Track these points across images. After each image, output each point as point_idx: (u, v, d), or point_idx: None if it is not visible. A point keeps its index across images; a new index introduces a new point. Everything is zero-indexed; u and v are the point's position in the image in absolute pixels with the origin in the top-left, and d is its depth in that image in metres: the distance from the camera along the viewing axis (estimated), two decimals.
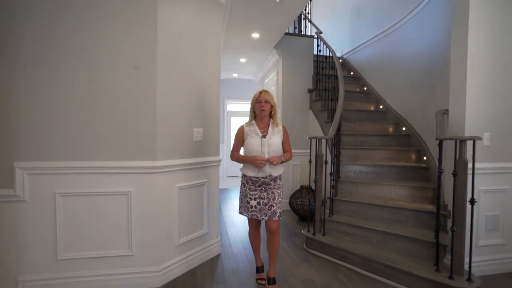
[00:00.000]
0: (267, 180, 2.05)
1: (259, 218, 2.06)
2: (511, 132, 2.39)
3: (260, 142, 2.03)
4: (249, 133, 2.09)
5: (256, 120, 2.13)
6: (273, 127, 2.11)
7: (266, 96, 2.07)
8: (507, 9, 2.33)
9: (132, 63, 2.05)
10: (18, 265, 1.89)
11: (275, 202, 2.05)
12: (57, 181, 1.93)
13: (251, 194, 2.07)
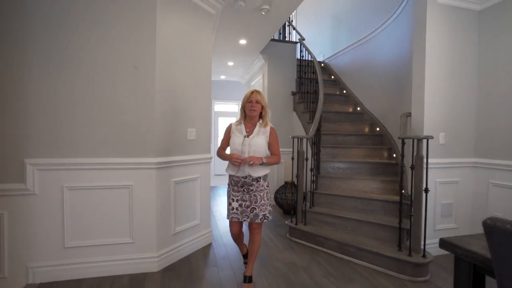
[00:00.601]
0: (248, 180, 2.02)
1: (240, 219, 2.05)
2: (462, 132, 2.79)
3: (242, 141, 2.01)
4: (234, 131, 2.09)
5: (246, 119, 2.11)
6: (260, 128, 2.08)
7: (258, 97, 2.05)
8: (456, 27, 2.72)
9: (133, 71, 2.28)
10: (28, 253, 2.08)
11: (257, 205, 2.02)
12: (64, 176, 2.14)
13: (233, 195, 2.06)
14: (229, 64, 5.32)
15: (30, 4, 2.03)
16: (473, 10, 2.77)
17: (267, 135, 2.06)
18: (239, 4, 2.89)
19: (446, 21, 2.70)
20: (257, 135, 2.04)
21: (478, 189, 2.78)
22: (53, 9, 2.08)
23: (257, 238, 2.10)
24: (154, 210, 2.36)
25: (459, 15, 2.73)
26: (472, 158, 2.81)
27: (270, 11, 3.08)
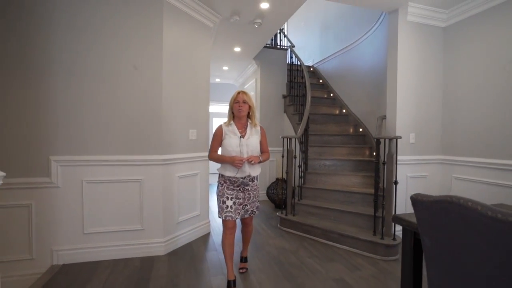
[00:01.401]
0: (246, 180, 2.08)
1: (233, 218, 2.05)
2: (429, 133, 3.20)
3: (239, 142, 2.05)
4: (227, 133, 2.10)
5: (234, 120, 2.14)
6: (251, 128, 2.14)
7: (244, 97, 2.09)
8: (424, 41, 3.13)
9: (143, 78, 2.61)
10: (53, 238, 2.39)
11: (249, 202, 2.14)
12: (83, 171, 2.46)
13: (228, 193, 2.07)
14: (224, 68, 5.66)
15: (56, 21, 2.34)
16: (439, 27, 3.19)
17: (259, 135, 2.16)
18: (234, 18, 3.24)
19: (415, 36, 3.10)
20: (252, 135, 2.11)
21: (443, 182, 3.20)
22: (75, 25, 2.40)
23: (250, 228, 2.33)
24: (161, 201, 2.69)
25: (427, 31, 3.14)
26: (438, 156, 3.23)
27: (262, 24, 3.44)
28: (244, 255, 2.46)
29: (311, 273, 2.38)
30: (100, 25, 2.47)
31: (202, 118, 3.22)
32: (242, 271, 2.37)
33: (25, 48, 2.26)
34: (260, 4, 2.99)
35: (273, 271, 2.41)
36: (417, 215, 1.26)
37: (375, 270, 2.43)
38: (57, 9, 2.34)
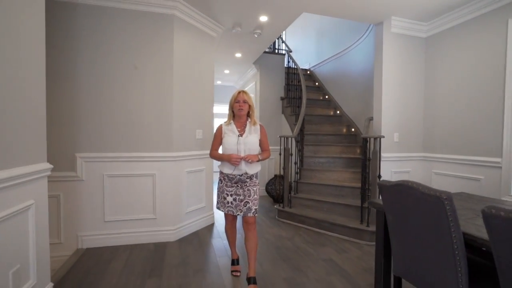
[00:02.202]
0: (243, 177, 2.10)
1: (234, 213, 2.12)
2: (412, 133, 3.55)
3: (237, 141, 2.08)
4: (226, 132, 2.14)
5: (234, 119, 2.18)
6: (251, 126, 2.16)
7: (244, 96, 2.12)
8: (406, 50, 3.48)
9: (156, 84, 2.94)
10: (78, 225, 2.73)
11: (251, 199, 2.11)
12: (104, 166, 2.79)
13: (227, 191, 2.12)
14: (225, 72, 6.01)
15: (83, 39, 2.68)
16: (420, 37, 3.54)
17: (258, 133, 2.17)
18: (236, 29, 3.58)
19: (399, 46, 3.45)
20: (250, 134, 2.13)
21: (424, 177, 3.55)
22: (97, 39, 2.73)
23: (254, 234, 2.13)
24: (172, 193, 3.03)
25: (409, 41, 3.49)
26: (420, 153, 3.58)
27: (262, 34, 3.78)
28: (251, 274, 2.09)
29: (304, 255, 2.73)
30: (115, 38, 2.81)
31: (207, 119, 3.56)
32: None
33: (59, 62, 2.59)
34: (260, 17, 3.33)
35: (271, 254, 2.75)
36: (382, 197, 1.62)
37: (360, 253, 2.78)
38: (87, 29, 2.68)
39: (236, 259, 2.38)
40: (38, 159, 1.71)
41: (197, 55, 3.35)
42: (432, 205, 1.27)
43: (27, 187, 1.58)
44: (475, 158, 2.93)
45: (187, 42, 3.19)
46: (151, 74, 2.93)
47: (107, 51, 2.78)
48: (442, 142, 3.34)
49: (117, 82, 2.83)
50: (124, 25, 2.82)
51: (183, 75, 3.15)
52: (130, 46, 2.85)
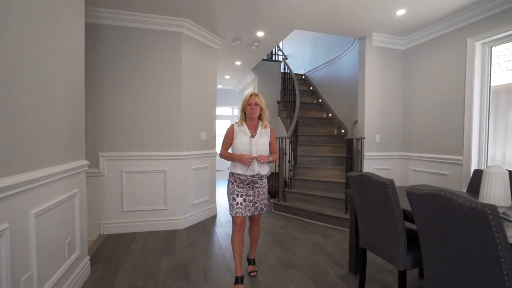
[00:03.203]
0: (255, 178, 2.13)
1: (243, 215, 2.11)
2: (392, 134, 4.00)
3: (249, 142, 2.11)
4: (238, 132, 2.16)
5: (246, 121, 2.21)
6: (262, 129, 2.20)
7: (256, 99, 2.17)
8: (387, 61, 3.94)
9: (167, 92, 3.39)
10: (100, 214, 3.18)
11: (259, 199, 2.17)
12: (122, 164, 3.24)
13: (238, 191, 2.13)
14: (226, 77, 6.46)
15: (105, 55, 3.13)
16: (399, 50, 3.99)
17: (268, 136, 2.23)
18: (236, 42, 4.04)
19: (380, 57, 3.91)
20: (261, 136, 2.18)
21: (403, 173, 4.01)
22: (116, 54, 3.19)
23: (258, 227, 2.36)
24: (180, 187, 3.48)
25: (389, 53, 3.95)
26: (399, 152, 4.04)
27: (259, 46, 4.24)
28: (251, 257, 2.42)
29: (295, 240, 3.19)
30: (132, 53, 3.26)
31: (210, 122, 4.02)
32: (253, 274, 2.34)
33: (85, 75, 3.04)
34: (257, 33, 3.78)
35: (267, 239, 3.20)
36: (350, 186, 2.08)
37: (342, 237, 3.24)
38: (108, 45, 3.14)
39: (240, 277, 2.12)
40: (80, 157, 2.16)
41: (201, 65, 3.80)
42: (380, 190, 1.74)
43: (74, 178, 2.04)
44: (443, 156, 3.39)
45: (193, 55, 3.64)
46: (163, 84, 3.38)
47: (124, 64, 3.23)
48: (418, 143, 3.80)
49: (134, 91, 3.27)
50: (139, 41, 3.27)
51: (190, 83, 3.60)
52: (144, 59, 3.30)
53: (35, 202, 1.49)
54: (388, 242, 1.80)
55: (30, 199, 1.44)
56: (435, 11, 3.06)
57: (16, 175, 1.31)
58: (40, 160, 1.55)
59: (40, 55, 1.55)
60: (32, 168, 1.46)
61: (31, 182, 1.42)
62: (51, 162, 1.68)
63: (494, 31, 2.85)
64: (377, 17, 3.26)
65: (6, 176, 1.24)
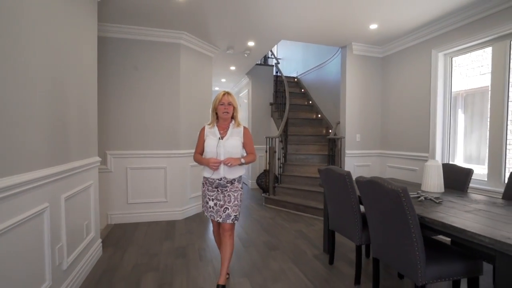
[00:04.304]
0: (223, 182, 2.00)
1: (215, 219, 2.03)
2: (371, 134, 4.41)
3: (217, 144, 1.99)
4: (208, 134, 2.07)
5: (219, 121, 2.10)
6: (233, 129, 2.08)
7: (229, 98, 2.04)
8: (366, 68, 4.34)
9: (167, 97, 3.79)
10: (108, 206, 3.58)
11: (230, 205, 2.00)
12: (127, 161, 3.64)
13: (209, 195, 2.05)
14: (222, 80, 6.86)
15: (111, 63, 3.52)
16: (378, 57, 4.40)
17: (241, 135, 2.07)
18: (230, 50, 4.44)
19: (360, 64, 4.31)
20: (231, 136, 2.05)
21: (381, 169, 4.41)
22: (122, 63, 3.58)
23: (230, 242, 2.03)
24: (179, 182, 3.88)
25: (368, 60, 4.35)
26: (378, 150, 4.45)
27: (251, 54, 4.64)
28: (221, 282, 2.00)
29: (281, 228, 3.59)
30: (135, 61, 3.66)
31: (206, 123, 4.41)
32: None
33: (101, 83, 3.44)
34: (248, 43, 4.18)
35: (256, 228, 3.61)
36: (320, 177, 2.49)
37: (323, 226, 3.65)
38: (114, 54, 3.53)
39: (221, 286, 1.98)
40: (93, 154, 2.56)
41: (198, 72, 4.20)
42: (340, 179, 2.14)
43: (89, 172, 2.43)
44: (413, 154, 3.80)
45: (190, 62, 4.04)
46: (163, 89, 3.78)
47: (129, 72, 3.63)
48: (393, 142, 4.21)
49: (137, 96, 3.67)
50: (142, 52, 3.67)
51: (188, 88, 4.00)
52: (146, 67, 3.70)
53: (64, 189, 1.89)
54: (348, 223, 2.21)
55: (61, 186, 1.84)
56: (402, 26, 3.47)
57: (53, 167, 1.71)
58: (68, 156, 1.94)
59: (65, 72, 1.95)
60: (63, 162, 1.86)
61: (63, 173, 1.82)
62: (74, 158, 2.07)
63: (454, 44, 3.26)
64: (354, 30, 3.66)
65: (47, 167, 1.64)
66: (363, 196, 1.89)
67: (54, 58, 1.76)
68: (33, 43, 1.51)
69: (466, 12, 3.01)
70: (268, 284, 2.19)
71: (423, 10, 3.06)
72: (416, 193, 2.10)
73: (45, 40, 1.65)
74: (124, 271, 2.39)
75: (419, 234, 1.51)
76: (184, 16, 3.27)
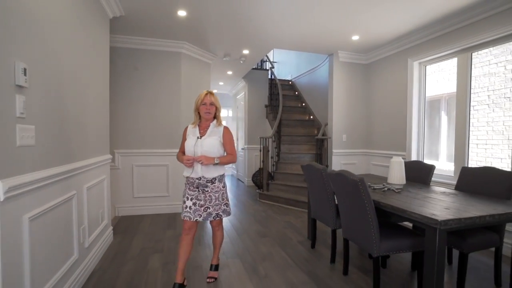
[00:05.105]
0: (202, 181, 2.00)
1: (191, 219, 1.98)
2: (357, 134, 4.79)
3: (195, 143, 2.00)
4: (189, 134, 2.09)
5: (201, 121, 2.11)
6: (213, 128, 2.07)
7: (212, 98, 2.04)
8: (352, 73, 4.73)
9: (169, 101, 4.17)
10: (116, 199, 3.95)
11: (211, 205, 2.01)
12: (133, 159, 4.02)
13: (188, 194, 2.03)
14: (220, 83, 7.24)
15: (119, 70, 3.90)
16: (363, 64, 4.79)
17: (220, 135, 2.06)
18: (226, 58, 4.82)
19: (346, 71, 4.70)
20: (209, 136, 2.03)
21: (366, 167, 4.80)
22: (129, 70, 3.96)
23: (219, 233, 2.20)
24: (180, 178, 4.25)
25: (354, 67, 4.74)
26: (362, 149, 4.83)
27: (246, 60, 5.02)
28: (214, 262, 2.24)
29: (272, 220, 3.98)
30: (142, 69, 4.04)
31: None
32: (209, 281, 2.17)
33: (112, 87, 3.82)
34: (243, 51, 4.57)
35: (249, 219, 3.99)
36: (303, 172, 2.87)
37: None
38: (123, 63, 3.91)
39: (178, 284, 1.97)
40: (106, 152, 2.94)
41: (197, 77, 4.58)
42: (318, 174, 2.53)
43: (103, 167, 2.81)
44: (393, 153, 4.19)
45: (190, 69, 4.42)
46: (165, 93, 4.16)
47: (136, 78, 4.01)
48: (376, 141, 4.60)
49: (142, 100, 4.05)
50: (147, 60, 4.05)
51: (188, 92, 4.37)
52: (151, 73, 4.08)
53: (86, 180, 2.27)
54: (325, 211, 2.60)
55: (83, 178, 2.22)
56: (381, 37, 3.86)
57: (80, 161, 2.09)
58: (88, 153, 2.32)
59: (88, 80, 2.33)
60: (85, 158, 2.24)
61: (85, 167, 2.20)
62: (92, 155, 2.45)
63: (427, 54, 3.64)
64: (338, 40, 4.04)
65: (75, 161, 2.02)
66: (334, 187, 2.27)
67: (85, 71, 2.14)
68: (81, 67, 1.89)
69: (435, 26, 3.40)
70: (257, 263, 2.57)
71: (398, 24, 3.45)
72: (382, 185, 2.49)
73: (80, 58, 2.03)
74: (134, 253, 2.77)
75: (374, 215, 1.89)
76: (185, 29, 3.65)
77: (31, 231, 1.40)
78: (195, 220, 2.00)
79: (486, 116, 3.18)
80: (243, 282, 2.23)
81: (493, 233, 2.08)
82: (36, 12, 1.49)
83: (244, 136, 6.98)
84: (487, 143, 3.24)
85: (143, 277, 2.29)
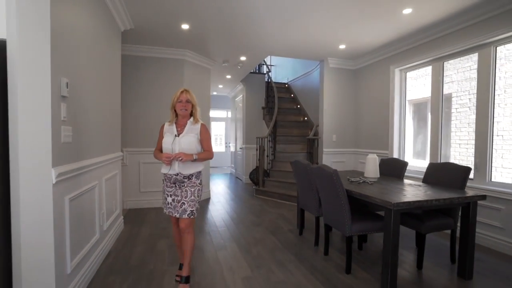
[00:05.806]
0: (179, 177, 2.03)
1: (173, 214, 2.06)
2: (346, 134, 5.18)
3: (172, 141, 2.03)
4: (166, 131, 2.11)
5: (178, 119, 2.13)
6: (191, 126, 2.09)
7: (188, 96, 2.08)
8: (341, 78, 5.12)
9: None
10: (124, 193, 4.34)
11: (187, 200, 2.03)
12: (140, 157, 4.41)
13: (167, 191, 2.09)
14: (219, 86, 7.63)
15: (128, 76, 4.29)
16: (351, 69, 5.18)
17: (197, 132, 2.09)
18: (225, 64, 5.21)
19: (335, 76, 5.09)
20: (187, 133, 2.06)
21: (354, 165, 5.19)
22: (136, 75, 4.35)
23: (189, 238, 2.05)
24: None
25: (343, 72, 5.13)
26: (351, 148, 5.22)
27: (243, 66, 5.41)
28: (184, 274, 2.08)
29: (266, 212, 4.36)
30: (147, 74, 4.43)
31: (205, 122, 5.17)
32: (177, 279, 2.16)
33: None
34: (240, 57, 4.96)
35: (246, 212, 4.38)
36: (292, 167, 3.26)
37: None
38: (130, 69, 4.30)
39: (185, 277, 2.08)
40: (118, 150, 3.33)
41: (198, 81, 4.97)
42: (303, 168, 2.92)
43: (115, 163, 3.20)
44: (378, 151, 4.58)
45: (192, 74, 4.81)
46: (169, 96, 4.54)
47: (142, 83, 4.40)
48: (364, 141, 4.99)
49: (148, 102, 4.44)
50: (152, 66, 4.44)
51: None
52: (157, 78, 4.47)
53: (103, 173, 2.65)
54: (310, 200, 2.99)
55: (103, 171, 2.61)
56: (366, 46, 4.25)
57: (99, 157, 2.47)
58: (105, 150, 2.71)
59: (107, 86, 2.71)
60: (104, 154, 2.62)
61: (104, 162, 2.59)
62: (108, 152, 2.84)
63: (406, 62, 4.04)
64: (327, 48, 4.44)
65: (95, 157, 2.40)
66: (316, 179, 2.66)
67: (104, 80, 2.53)
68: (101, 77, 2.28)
69: (413, 37, 3.80)
70: (250, 246, 2.96)
71: (379, 36, 3.84)
72: (359, 178, 2.87)
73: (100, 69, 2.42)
74: (143, 238, 3.16)
75: (347, 202, 2.27)
76: (188, 39, 4.04)
77: (70, 210, 1.79)
78: (175, 216, 2.08)
79: (468, 118, 3.53)
80: (238, 260, 2.62)
81: (448, 217, 2.47)
82: (73, 33, 1.89)
83: (242, 136, 7.37)
84: (468, 143, 3.62)
85: (153, 257, 2.68)
